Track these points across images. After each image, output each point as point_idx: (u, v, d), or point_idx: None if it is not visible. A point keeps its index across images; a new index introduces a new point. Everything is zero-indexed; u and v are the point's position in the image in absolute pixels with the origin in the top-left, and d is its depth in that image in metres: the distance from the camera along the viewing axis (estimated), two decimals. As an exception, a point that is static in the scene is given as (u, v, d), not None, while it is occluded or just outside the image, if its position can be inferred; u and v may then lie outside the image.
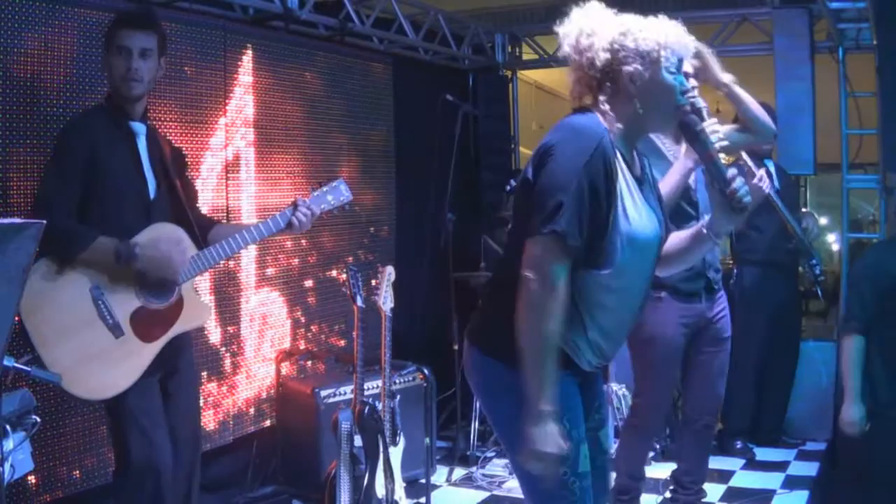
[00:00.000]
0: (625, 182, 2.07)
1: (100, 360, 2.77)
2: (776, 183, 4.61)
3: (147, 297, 2.90)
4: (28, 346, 2.70)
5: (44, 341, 2.69)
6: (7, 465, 2.26)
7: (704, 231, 2.21)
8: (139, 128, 2.99)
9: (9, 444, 2.23)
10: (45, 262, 2.74)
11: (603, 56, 2.06)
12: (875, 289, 3.34)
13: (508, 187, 5.56)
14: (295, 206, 3.10)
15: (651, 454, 4.55)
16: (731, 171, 2.14)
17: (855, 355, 3.32)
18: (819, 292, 4.68)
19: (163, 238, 2.90)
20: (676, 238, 2.27)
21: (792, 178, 5.17)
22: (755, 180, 4.15)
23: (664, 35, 2.06)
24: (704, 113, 2.98)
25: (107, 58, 2.93)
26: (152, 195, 2.98)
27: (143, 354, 2.87)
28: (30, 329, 2.68)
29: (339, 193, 3.23)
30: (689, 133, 2.17)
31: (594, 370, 2.23)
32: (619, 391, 4.84)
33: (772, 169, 4.76)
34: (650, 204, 2.16)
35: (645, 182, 2.20)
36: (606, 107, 2.08)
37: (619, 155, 2.07)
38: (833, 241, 9.21)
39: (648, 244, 2.13)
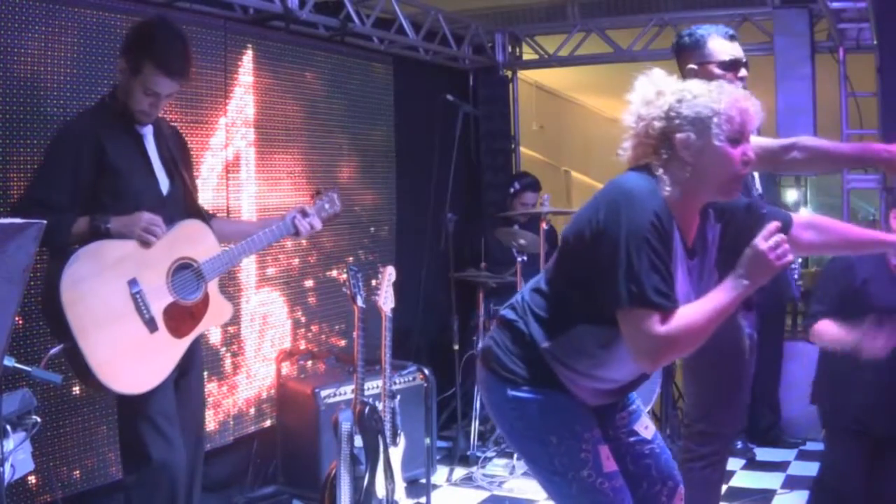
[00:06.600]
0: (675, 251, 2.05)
1: (134, 354, 2.79)
2: (759, 186, 4.55)
3: (179, 293, 2.92)
4: (63, 336, 2.70)
5: (84, 332, 2.69)
6: (7, 465, 2.26)
7: None
8: (145, 129, 2.99)
9: (9, 444, 2.23)
10: (84, 256, 2.73)
11: (657, 124, 2.05)
12: (842, 293, 3.26)
13: (512, 189, 5.70)
14: (304, 213, 3.22)
15: None
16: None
17: (833, 329, 3.14)
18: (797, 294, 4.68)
19: (190, 235, 2.95)
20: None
21: (776, 178, 5.11)
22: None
23: (722, 101, 2.02)
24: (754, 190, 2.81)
25: (130, 80, 2.86)
26: (165, 192, 3.00)
27: (173, 351, 2.89)
28: (71, 319, 2.68)
29: (333, 204, 3.38)
30: None
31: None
32: None
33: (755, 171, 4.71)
34: (692, 280, 2.13)
35: (697, 253, 2.16)
36: (661, 171, 2.06)
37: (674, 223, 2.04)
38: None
39: None
